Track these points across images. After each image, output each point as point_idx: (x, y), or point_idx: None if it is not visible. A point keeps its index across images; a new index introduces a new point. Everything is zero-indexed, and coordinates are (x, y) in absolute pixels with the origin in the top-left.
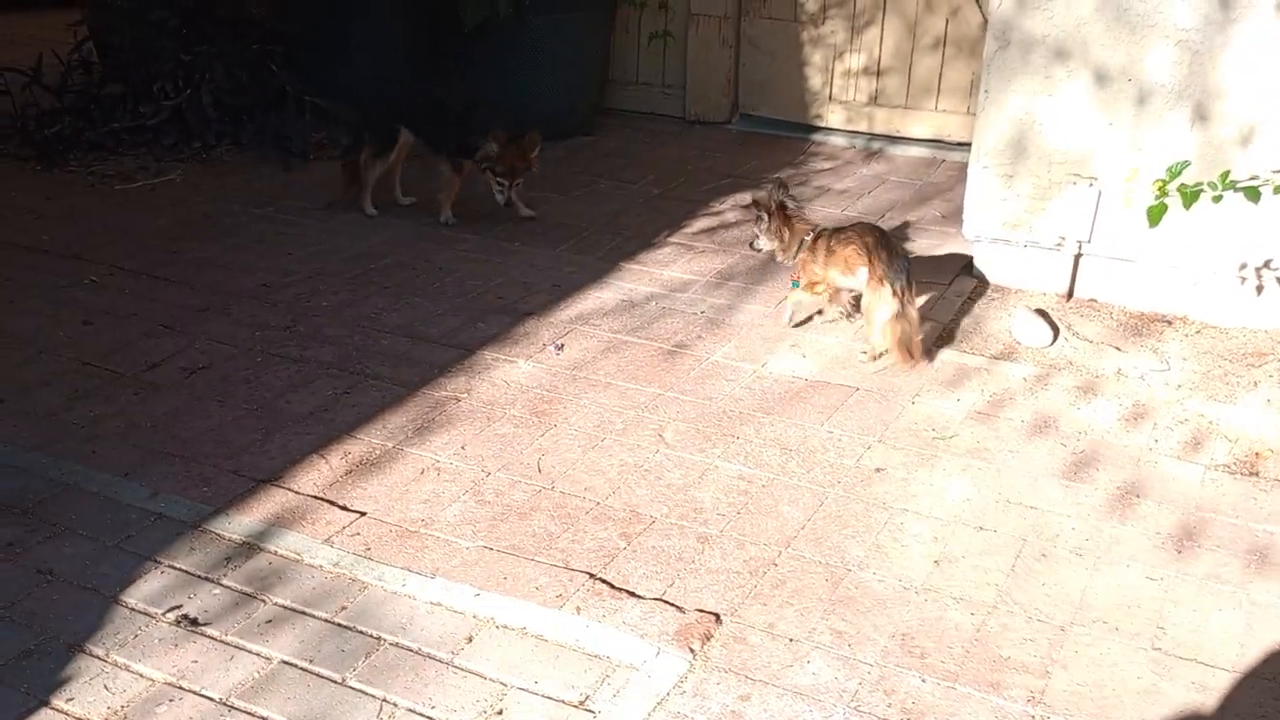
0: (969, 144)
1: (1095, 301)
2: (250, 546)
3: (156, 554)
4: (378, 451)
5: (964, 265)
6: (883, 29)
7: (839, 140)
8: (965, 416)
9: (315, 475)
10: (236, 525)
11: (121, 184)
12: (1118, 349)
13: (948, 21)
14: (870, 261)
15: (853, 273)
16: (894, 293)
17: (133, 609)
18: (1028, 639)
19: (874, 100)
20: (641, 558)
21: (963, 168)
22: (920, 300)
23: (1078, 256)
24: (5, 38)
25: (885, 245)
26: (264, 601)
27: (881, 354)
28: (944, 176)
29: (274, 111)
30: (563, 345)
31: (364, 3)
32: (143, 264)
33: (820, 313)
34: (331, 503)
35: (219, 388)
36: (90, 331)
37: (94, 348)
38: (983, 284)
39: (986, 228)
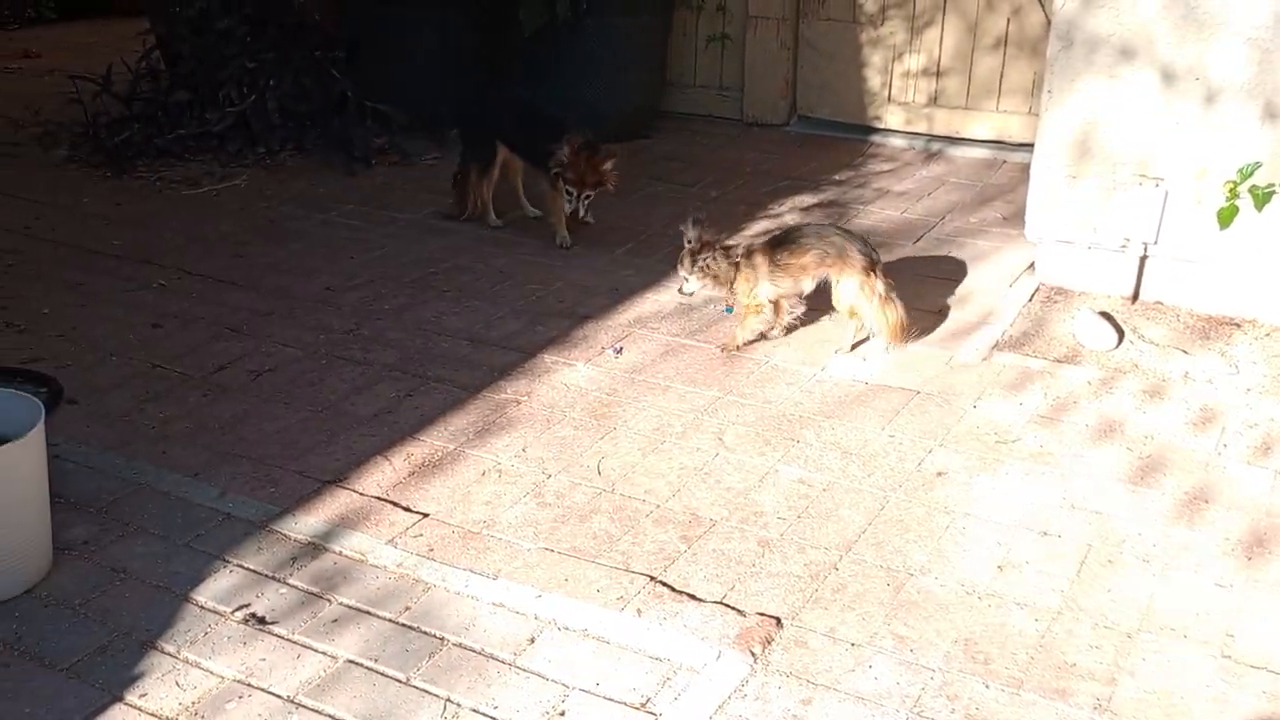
0: (1031, 145)
1: (1161, 304)
2: (316, 547)
3: (225, 553)
4: (440, 453)
5: (1026, 267)
6: (943, 29)
7: (898, 141)
8: (1028, 420)
9: (379, 477)
10: (302, 525)
11: (188, 189)
12: (1185, 352)
13: (1009, 21)
14: (844, 259)
15: (809, 276)
16: (879, 277)
17: (202, 607)
18: (1094, 645)
19: (934, 101)
20: (702, 561)
21: (1024, 169)
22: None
23: (1143, 258)
24: (76, 46)
25: (849, 237)
26: (329, 601)
27: (859, 342)
28: (1005, 178)
29: (336, 117)
30: (621, 348)
31: (424, 9)
32: (210, 268)
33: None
34: (395, 504)
35: (285, 390)
36: (160, 334)
37: (163, 350)
38: (1045, 286)
39: (1049, 229)
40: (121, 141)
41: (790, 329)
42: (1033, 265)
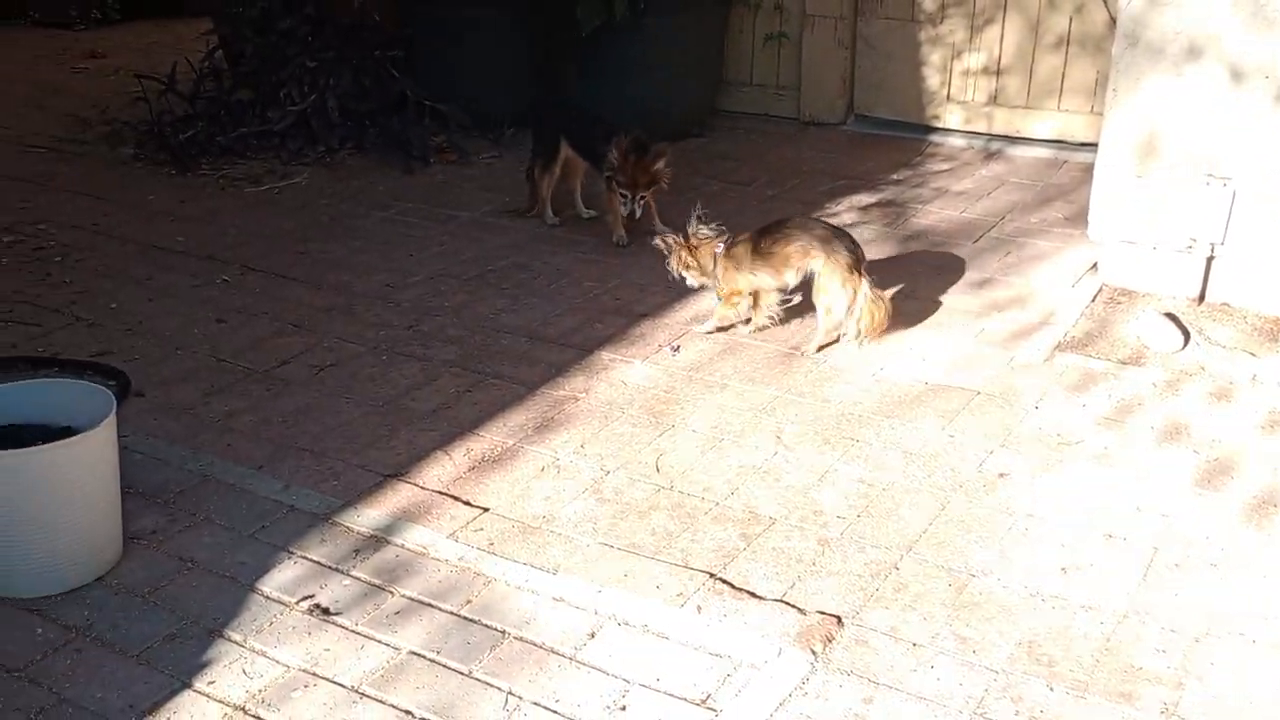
0: (1093, 144)
1: (1228, 305)
2: (378, 539)
3: (289, 544)
4: (499, 449)
5: (1089, 268)
6: (1003, 28)
7: (957, 141)
8: (1092, 422)
9: (439, 471)
10: (365, 518)
11: (251, 187)
12: (1252, 354)
13: (1071, 19)
14: (828, 253)
15: (791, 268)
16: (863, 276)
17: (268, 597)
18: (1160, 649)
19: (993, 100)
20: (761, 558)
21: (1086, 169)
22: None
23: (1210, 259)
24: (140, 46)
25: (835, 233)
26: (392, 593)
27: (833, 340)
28: (1067, 178)
29: (395, 116)
30: (679, 347)
31: (482, 8)
32: (272, 264)
33: (746, 322)
34: (455, 498)
35: (346, 385)
36: (224, 329)
37: (227, 345)
38: (1109, 287)
39: (1113, 229)
40: (186, 140)
41: (763, 328)
42: (1095, 266)
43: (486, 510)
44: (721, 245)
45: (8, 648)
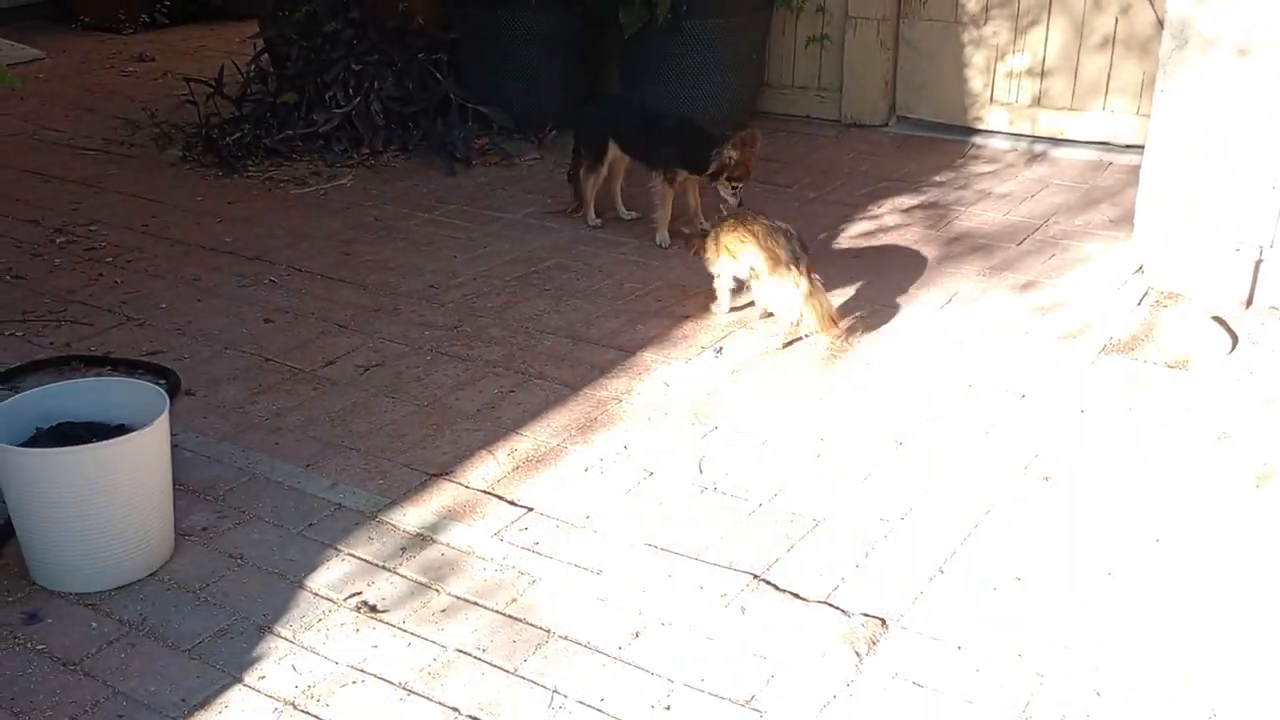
0: (1139, 146)
1: (1277, 309)
2: (424, 538)
3: (337, 542)
4: (543, 449)
5: (1135, 270)
6: (1048, 28)
7: (1000, 143)
8: (1137, 425)
9: (484, 470)
10: (411, 517)
11: (296, 188)
12: None
13: (1117, 20)
14: (768, 248)
15: (736, 259)
16: (800, 272)
17: (316, 594)
18: (1207, 648)
19: (1037, 102)
20: (805, 560)
21: (1132, 170)
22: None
23: (1258, 262)
24: (188, 50)
25: (777, 230)
26: (438, 591)
27: (795, 339)
28: (1112, 180)
29: (438, 118)
30: (721, 349)
31: (524, 12)
32: (318, 265)
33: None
34: (500, 498)
35: (391, 384)
36: (271, 329)
37: (275, 344)
38: (1155, 290)
39: (1160, 232)
40: (233, 142)
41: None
42: (1142, 268)
43: (531, 510)
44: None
45: (64, 641)
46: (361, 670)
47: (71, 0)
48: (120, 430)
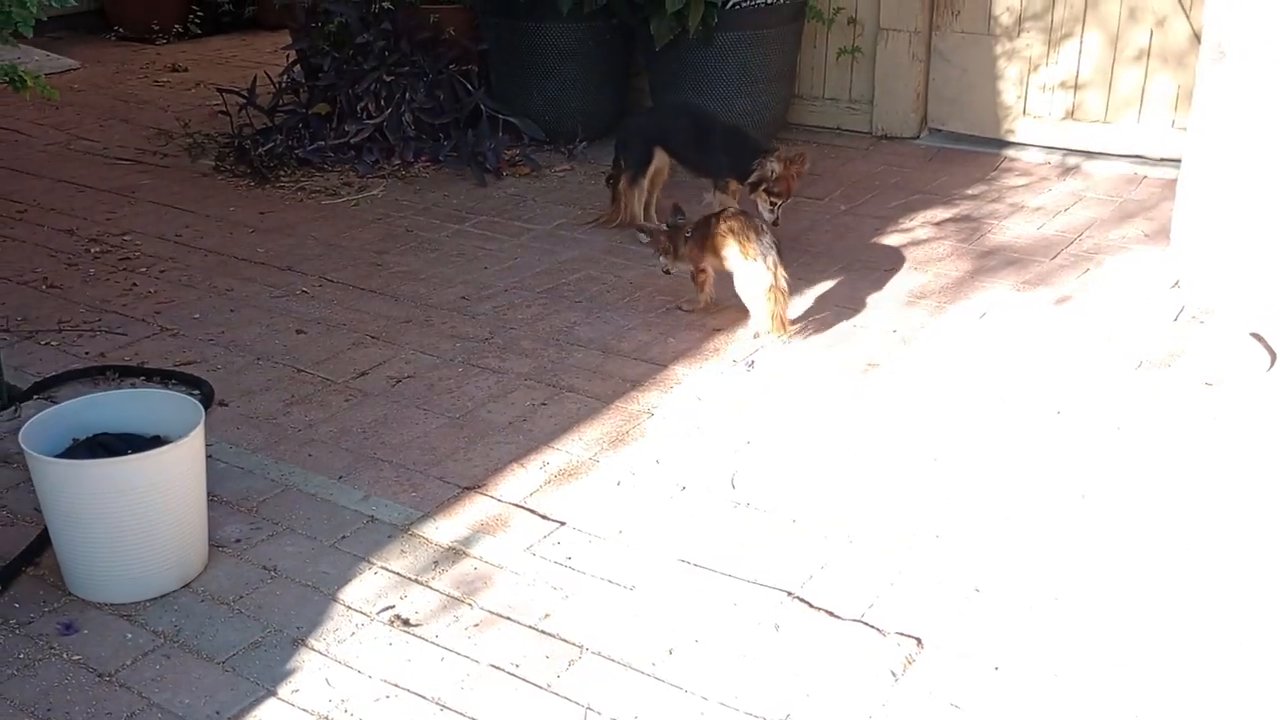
0: (1174, 160)
1: None
2: (456, 551)
3: (370, 555)
4: (575, 462)
5: (1171, 285)
6: (1082, 41)
7: (1033, 155)
8: (1176, 443)
9: (516, 484)
10: (443, 530)
11: (328, 199)
12: None
13: (1152, 33)
14: (740, 241)
15: (720, 254)
16: (766, 266)
17: (349, 607)
18: (1259, 674)
19: (1071, 114)
20: (840, 576)
21: (1167, 184)
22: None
23: None
24: (221, 60)
25: (752, 225)
26: (471, 605)
27: (763, 332)
28: (1146, 193)
29: (469, 129)
30: (754, 361)
31: (555, 23)
32: (350, 276)
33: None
34: (532, 511)
35: (423, 396)
36: (303, 340)
37: (307, 355)
38: (1191, 305)
39: (1196, 247)
40: (265, 152)
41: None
42: (1178, 283)
43: (563, 524)
44: (687, 233)
45: (99, 652)
46: (395, 685)
47: (106, 11)
48: (156, 442)
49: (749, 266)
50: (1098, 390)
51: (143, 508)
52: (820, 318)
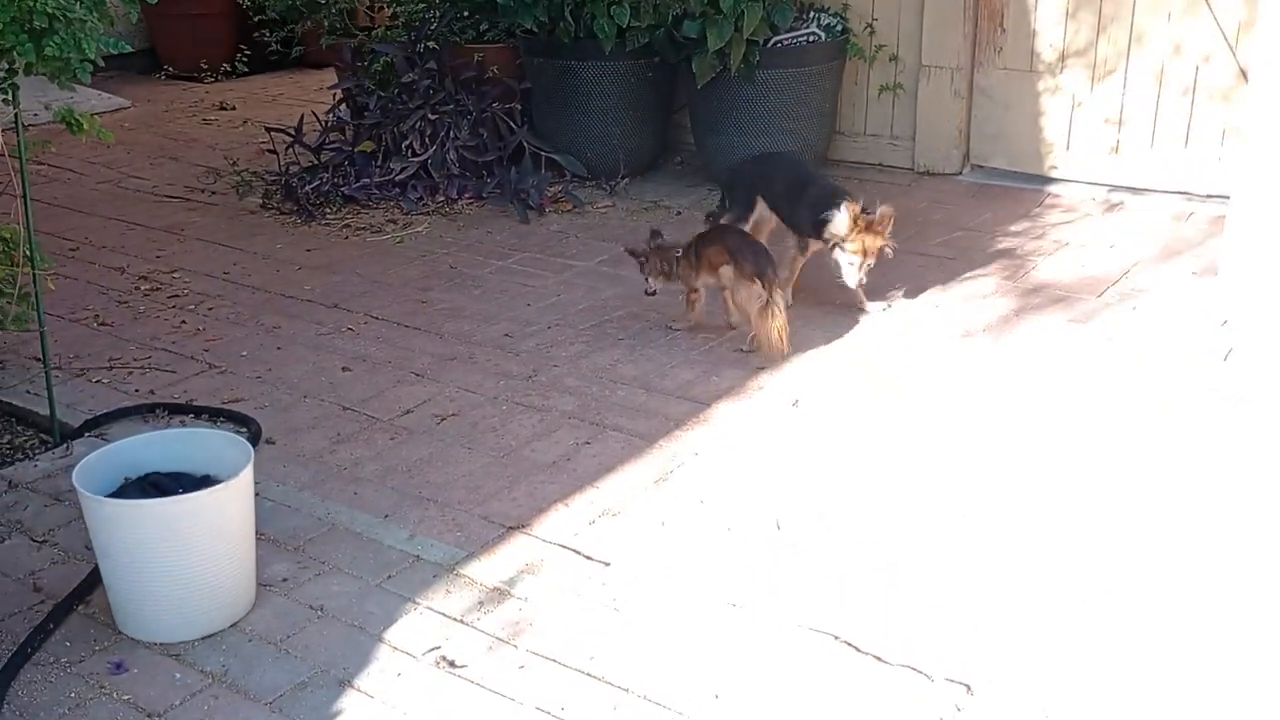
0: (1222, 196)
1: None
2: (501, 592)
3: (416, 595)
4: (619, 502)
5: (1220, 323)
6: (1126, 76)
7: (1077, 191)
8: (1227, 485)
9: (561, 524)
10: (488, 570)
11: (373, 236)
12: None
13: (1198, 68)
14: (735, 260)
15: (716, 272)
16: (762, 286)
17: (395, 648)
18: None
19: (1115, 150)
20: (887, 620)
21: (1213, 221)
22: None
23: None
24: (268, 98)
25: (748, 244)
26: (516, 647)
27: (753, 347)
28: (1193, 230)
29: (512, 166)
30: (798, 400)
31: (597, 61)
32: (395, 313)
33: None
34: (577, 552)
35: (468, 435)
36: (349, 378)
37: (352, 393)
38: (1241, 343)
39: (1246, 285)
40: (311, 190)
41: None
42: (1227, 322)
43: (608, 565)
44: (678, 253)
45: (149, 692)
46: None
47: (157, 50)
48: (206, 481)
49: (744, 285)
50: (1147, 429)
51: (193, 547)
52: (866, 356)
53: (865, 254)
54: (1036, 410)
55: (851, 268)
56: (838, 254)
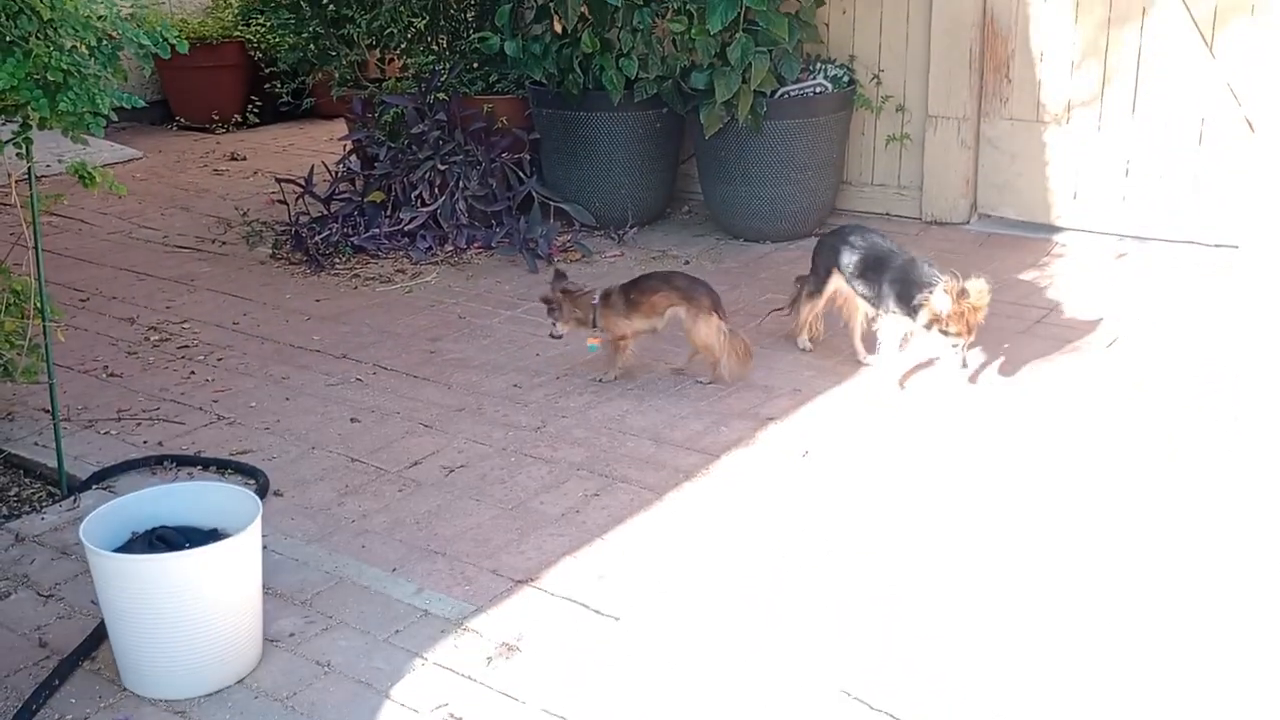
0: (1230, 245)
1: None
2: (510, 647)
3: (423, 650)
4: (629, 556)
5: (1239, 371)
6: (1132, 127)
7: (1085, 241)
8: (1256, 539)
9: (570, 578)
10: (497, 625)
11: (382, 285)
12: None
13: (1204, 120)
14: (689, 299)
15: (660, 315)
16: (720, 318)
17: (403, 705)
18: None
19: (1123, 200)
20: (898, 673)
21: (1223, 269)
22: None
23: None
24: (278, 149)
25: (694, 282)
26: (524, 704)
27: (720, 377)
28: (1202, 279)
29: (521, 216)
30: (808, 451)
31: (605, 112)
32: (404, 363)
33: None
34: (585, 606)
35: (476, 486)
36: (357, 429)
37: (361, 444)
38: (1264, 392)
39: (1256, 330)
40: (321, 240)
41: (624, 371)
42: (1247, 371)
43: (618, 619)
44: (597, 297)
45: None
46: None
47: (170, 102)
48: (214, 535)
49: (705, 319)
50: (1173, 476)
51: (199, 603)
52: (874, 405)
53: (969, 333)
54: (1046, 464)
55: (956, 350)
56: (935, 335)
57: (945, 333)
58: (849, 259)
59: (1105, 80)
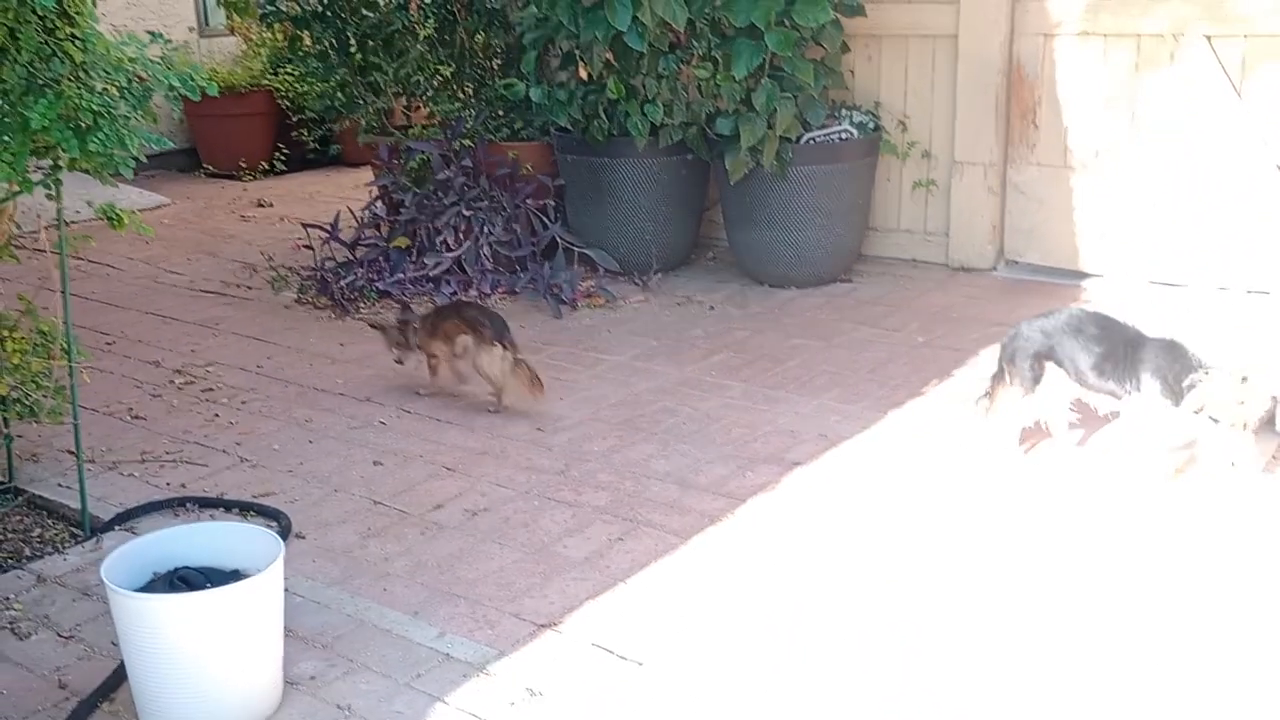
0: (1262, 290)
1: None
2: (533, 692)
3: (445, 695)
4: (653, 601)
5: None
6: (1161, 172)
7: (1113, 288)
8: (1252, 580)
9: (593, 622)
10: (519, 670)
11: None
12: None
13: (1232, 165)
14: (475, 330)
15: (451, 342)
16: (504, 347)
17: None
18: None
19: (1152, 246)
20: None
21: (1256, 314)
22: None
23: None
24: (304, 195)
25: (484, 314)
26: None
27: (505, 405)
28: (1232, 324)
29: (545, 261)
30: (833, 497)
31: (629, 158)
32: (426, 407)
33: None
34: (610, 651)
35: (499, 530)
36: (380, 472)
37: (384, 487)
38: None
39: None
40: (346, 285)
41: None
42: (1276, 419)
43: (641, 665)
44: (415, 324)
45: None
46: None
47: (198, 149)
48: (235, 576)
49: (486, 350)
50: (1199, 526)
51: (220, 644)
52: (902, 453)
53: (1250, 424)
54: (1070, 512)
55: (1238, 447)
56: (1205, 426)
57: (1220, 423)
58: (1069, 348)
59: (1132, 124)
